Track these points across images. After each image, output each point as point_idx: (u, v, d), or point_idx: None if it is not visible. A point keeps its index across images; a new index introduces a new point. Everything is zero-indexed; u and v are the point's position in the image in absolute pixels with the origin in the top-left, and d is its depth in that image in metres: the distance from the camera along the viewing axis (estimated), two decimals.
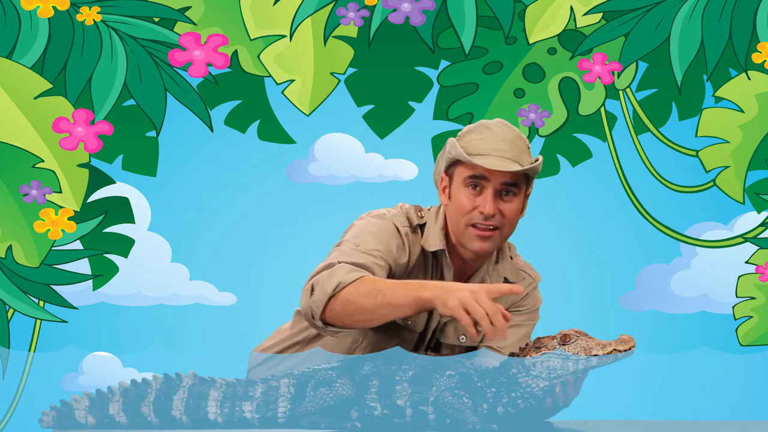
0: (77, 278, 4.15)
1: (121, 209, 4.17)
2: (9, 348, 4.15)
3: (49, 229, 4.11)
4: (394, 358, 2.92)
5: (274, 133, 4.19)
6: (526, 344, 2.94)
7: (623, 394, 4.17)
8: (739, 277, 4.23)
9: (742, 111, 4.19)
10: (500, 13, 4.14)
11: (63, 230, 4.11)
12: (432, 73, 4.18)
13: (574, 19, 4.15)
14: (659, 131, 4.21)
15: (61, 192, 4.11)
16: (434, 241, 3.15)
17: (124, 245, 4.17)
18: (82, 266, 4.15)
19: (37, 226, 4.11)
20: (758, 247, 4.23)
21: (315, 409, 2.87)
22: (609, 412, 3.69)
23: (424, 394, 2.89)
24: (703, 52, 4.16)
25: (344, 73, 4.17)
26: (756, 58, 4.16)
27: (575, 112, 4.19)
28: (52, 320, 4.15)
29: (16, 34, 4.08)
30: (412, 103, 4.18)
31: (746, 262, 4.24)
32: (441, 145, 4.26)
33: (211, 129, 4.17)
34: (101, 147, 4.12)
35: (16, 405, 4.17)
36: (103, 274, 4.17)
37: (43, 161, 4.10)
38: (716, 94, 4.19)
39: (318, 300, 2.93)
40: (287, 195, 4.23)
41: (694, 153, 4.22)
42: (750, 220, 4.23)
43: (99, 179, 4.14)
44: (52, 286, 4.13)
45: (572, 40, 4.16)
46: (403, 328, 3.17)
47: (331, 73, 4.16)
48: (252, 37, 4.13)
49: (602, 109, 4.20)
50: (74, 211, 4.12)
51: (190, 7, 4.12)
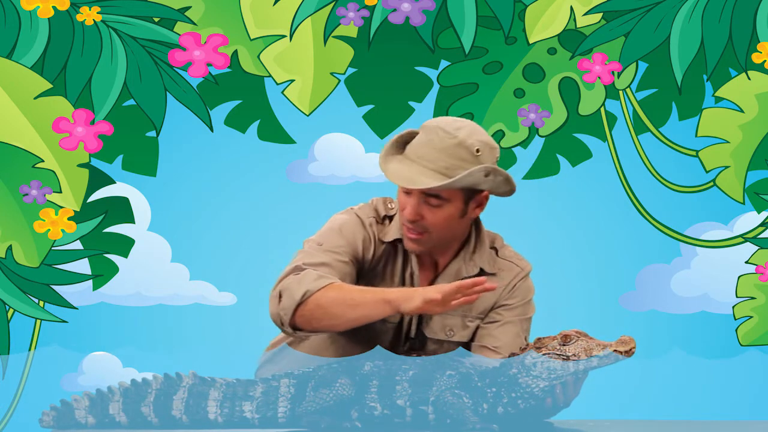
0: (77, 278, 4.15)
1: (121, 209, 4.17)
2: (9, 348, 4.15)
3: (49, 229, 4.10)
4: (394, 358, 2.92)
5: (274, 133, 4.18)
6: (527, 344, 2.94)
7: (623, 394, 4.17)
8: (739, 277, 4.23)
9: (742, 111, 4.19)
10: (500, 13, 4.14)
11: (63, 230, 4.11)
12: (432, 73, 4.18)
13: (574, 19, 4.15)
14: (659, 131, 4.21)
15: (61, 192, 4.11)
16: (392, 232, 3.17)
17: (124, 245, 4.17)
18: (82, 266, 4.15)
19: (37, 226, 4.11)
20: (758, 247, 4.23)
21: (315, 409, 2.87)
22: (609, 412, 3.68)
23: (424, 394, 2.89)
24: (703, 52, 4.16)
25: (344, 73, 4.16)
26: (756, 58, 4.16)
27: (575, 112, 4.19)
28: (52, 320, 4.15)
29: (16, 34, 4.08)
30: (412, 103, 4.18)
31: (746, 262, 4.24)
32: None
33: (211, 129, 4.17)
34: (101, 147, 4.12)
35: (16, 405, 4.17)
36: (103, 274, 4.16)
37: (43, 161, 4.10)
38: (716, 94, 4.19)
39: (286, 307, 3.00)
40: (287, 195, 4.23)
41: (694, 153, 4.21)
42: (750, 220, 4.23)
43: (99, 179, 4.14)
44: (52, 286, 4.13)
45: (572, 40, 4.16)
46: (379, 322, 3.17)
47: (331, 73, 4.16)
48: (252, 37, 4.13)
49: (602, 109, 4.20)
50: (74, 211, 4.12)
51: (190, 7, 4.12)
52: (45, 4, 4.08)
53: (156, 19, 4.11)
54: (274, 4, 4.13)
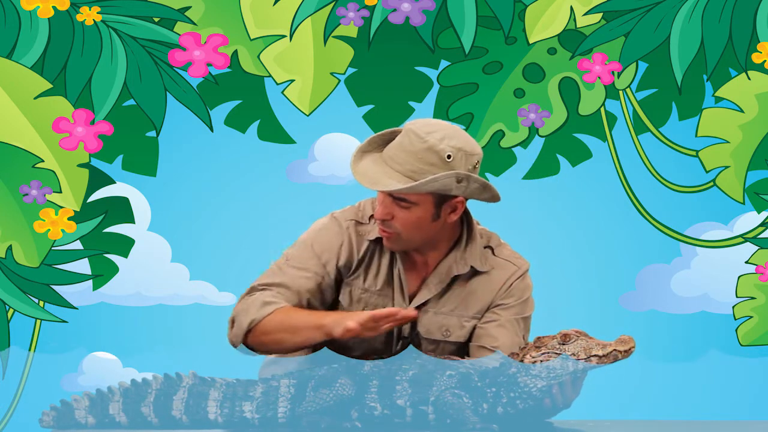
0: (77, 278, 4.15)
1: (121, 209, 4.17)
2: (9, 348, 4.15)
3: (49, 229, 4.11)
4: (394, 358, 2.92)
5: (274, 133, 4.19)
6: (526, 344, 2.93)
7: (623, 394, 4.17)
8: (739, 277, 4.23)
9: (742, 111, 4.19)
10: (500, 13, 4.14)
11: (63, 230, 4.11)
12: (432, 73, 4.18)
13: (574, 19, 4.15)
14: (659, 131, 4.21)
15: (61, 192, 4.11)
16: (375, 230, 3.18)
17: (124, 245, 4.17)
18: (82, 266, 4.15)
19: (37, 226, 4.11)
20: (758, 247, 4.23)
21: (315, 409, 2.87)
22: (609, 412, 3.69)
23: (424, 394, 2.89)
24: (703, 52, 4.16)
25: (344, 73, 4.17)
26: (756, 58, 4.16)
27: (575, 112, 4.19)
28: (52, 320, 4.15)
29: (16, 34, 4.08)
30: (412, 103, 4.18)
31: (746, 262, 4.24)
32: None
33: (211, 129, 4.17)
34: (101, 147, 4.12)
35: (16, 405, 4.17)
36: (103, 274, 4.17)
37: (43, 161, 4.10)
38: (716, 94, 4.19)
39: (236, 335, 3.11)
40: (287, 195, 4.23)
41: (694, 153, 4.22)
42: (750, 220, 4.23)
43: (99, 179, 4.14)
44: (52, 286, 4.13)
45: (572, 40, 4.16)
46: None
47: (331, 73, 4.16)
48: (252, 37, 4.13)
49: (602, 109, 4.20)
50: (74, 211, 4.12)
51: (190, 7, 4.12)
52: (45, 4, 4.08)
53: (156, 19, 4.11)
54: (274, 4, 4.14)
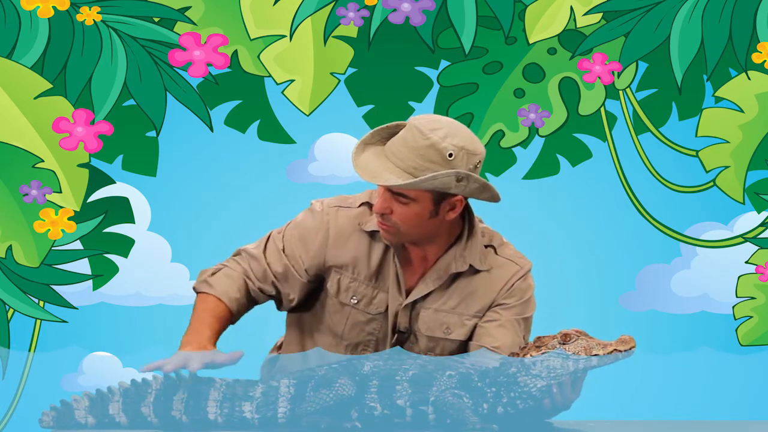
0: (77, 278, 4.15)
1: (121, 209, 4.17)
2: (9, 348, 4.15)
3: (49, 229, 4.11)
4: (394, 358, 2.92)
5: (274, 133, 4.19)
6: (527, 343, 2.93)
7: (623, 394, 4.17)
8: (739, 277, 4.23)
9: (742, 111, 4.19)
10: (500, 13, 4.14)
11: (63, 230, 4.11)
12: (432, 73, 4.18)
13: (574, 19, 4.15)
14: (659, 131, 4.21)
15: (61, 192, 4.11)
16: (372, 223, 3.19)
17: (124, 245, 4.17)
18: (82, 266, 4.15)
19: (37, 226, 4.11)
20: (758, 247, 4.23)
21: (315, 409, 2.87)
22: (609, 412, 3.69)
23: (424, 394, 2.89)
24: (703, 52, 4.16)
25: (344, 73, 4.17)
26: (756, 58, 4.16)
27: (575, 112, 4.19)
28: (52, 320, 4.15)
29: (16, 34, 4.08)
30: (412, 103, 4.18)
31: (746, 262, 4.24)
32: None
33: (211, 129, 4.17)
34: (101, 147, 4.12)
35: (16, 405, 4.17)
36: (103, 274, 4.17)
37: (43, 161, 4.10)
38: (716, 94, 4.19)
39: (193, 287, 3.25)
40: (287, 195, 4.23)
41: (694, 153, 4.22)
42: (750, 220, 4.23)
43: (99, 179, 4.14)
44: (52, 286, 4.13)
45: (572, 40, 4.16)
46: (359, 313, 3.19)
47: (331, 73, 4.16)
48: (252, 37, 4.13)
49: (602, 109, 4.20)
50: (74, 211, 4.12)
51: (190, 7, 4.12)
52: (45, 4, 4.08)
53: (156, 19, 4.11)
54: (274, 4, 4.14)
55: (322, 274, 3.21)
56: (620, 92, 4.19)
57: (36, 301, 4.13)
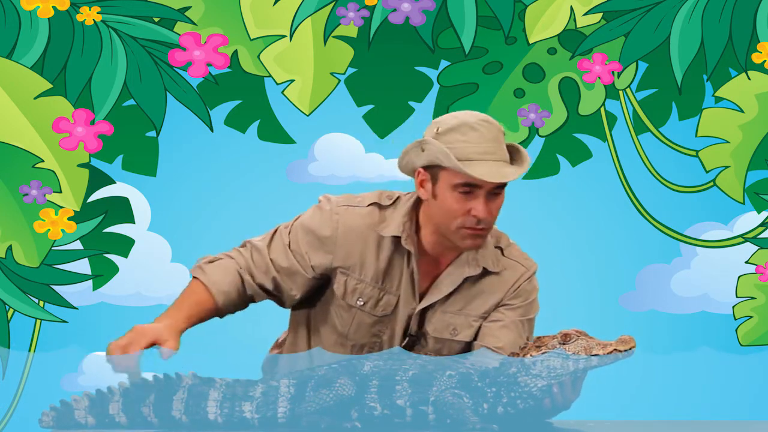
0: (77, 278, 4.15)
1: (121, 209, 4.17)
2: (9, 348, 4.15)
3: (49, 229, 4.11)
4: (394, 358, 2.92)
5: (274, 133, 4.19)
6: (526, 343, 2.93)
7: (623, 394, 4.17)
8: (739, 277, 4.23)
9: (742, 111, 4.19)
10: (500, 13, 4.14)
11: (63, 230, 4.11)
12: (432, 73, 4.18)
13: (574, 19, 4.15)
14: (659, 131, 4.21)
15: (61, 192, 4.11)
16: (392, 228, 3.16)
17: (124, 245, 4.17)
18: (82, 266, 4.15)
19: (37, 226, 4.11)
20: (758, 247, 4.23)
21: (315, 409, 2.87)
22: (609, 412, 3.68)
23: (424, 394, 2.88)
24: (703, 52, 4.16)
25: (344, 73, 4.17)
26: (756, 58, 4.16)
27: (575, 112, 4.19)
28: (52, 320, 4.15)
29: (16, 34, 4.08)
30: (412, 103, 4.18)
31: (746, 262, 4.24)
32: None
33: (211, 129, 4.17)
34: (101, 147, 4.12)
35: (16, 405, 4.17)
36: (103, 274, 4.17)
37: (43, 161, 4.10)
38: (716, 94, 4.19)
39: (190, 270, 3.25)
40: (287, 195, 4.23)
41: (694, 153, 4.22)
42: (750, 220, 4.23)
43: (99, 179, 4.14)
44: (52, 286, 4.13)
45: (572, 40, 4.16)
46: (365, 315, 3.18)
47: (331, 73, 4.16)
48: (252, 37, 4.13)
49: (602, 109, 4.20)
50: (74, 211, 4.12)
51: (190, 7, 4.12)
52: (45, 4, 4.08)
53: (156, 19, 4.11)
54: (274, 4, 4.14)
55: (328, 273, 3.20)
56: (620, 92, 4.19)
57: (36, 301, 4.13)
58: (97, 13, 4.09)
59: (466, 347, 3.19)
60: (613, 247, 4.28)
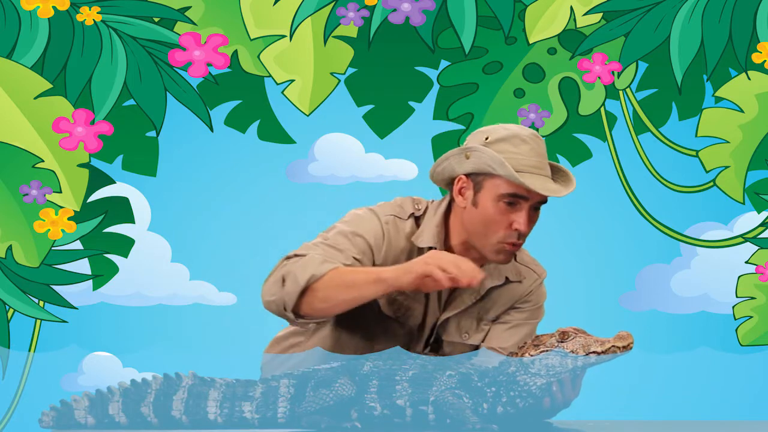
0: (77, 278, 4.15)
1: (121, 209, 4.17)
2: (9, 348, 4.15)
3: (49, 229, 4.11)
4: (394, 358, 2.92)
5: (274, 133, 4.19)
6: (525, 342, 2.94)
7: (623, 394, 4.17)
8: (739, 277, 4.23)
9: (742, 111, 4.19)
10: (500, 13, 4.14)
11: (63, 230, 4.11)
12: (432, 73, 4.18)
13: (574, 19, 4.15)
14: (659, 131, 4.21)
15: (61, 192, 4.11)
16: (427, 238, 3.13)
17: (124, 245, 4.17)
18: (82, 266, 4.15)
19: (37, 226, 4.11)
20: (758, 247, 4.23)
21: (315, 409, 2.87)
22: (609, 412, 3.69)
23: (424, 394, 2.89)
24: (703, 52, 4.16)
25: (344, 73, 4.17)
26: (756, 58, 4.16)
27: (575, 112, 4.19)
28: (52, 320, 4.15)
29: (16, 34, 4.08)
30: (412, 103, 4.18)
31: (746, 262, 4.24)
32: (441, 144, 4.24)
33: (211, 129, 4.17)
34: (101, 147, 4.12)
35: (16, 405, 4.17)
36: (103, 274, 4.17)
37: (43, 161, 4.10)
38: (716, 94, 4.19)
39: (291, 292, 2.97)
40: (287, 195, 4.23)
41: (694, 153, 4.22)
42: (750, 220, 4.23)
43: (99, 179, 4.14)
44: (52, 286, 4.13)
45: (572, 40, 4.16)
46: (395, 323, 3.16)
47: (331, 73, 4.16)
48: (252, 37, 4.13)
49: (602, 109, 4.20)
50: (74, 211, 4.13)
51: (190, 7, 4.12)
52: (45, 4, 4.08)
53: (156, 19, 4.11)
54: (274, 4, 4.14)
55: None
56: (620, 92, 4.19)
57: (36, 301, 4.13)
58: (97, 13, 4.09)
59: (475, 349, 3.20)
60: (613, 247, 4.28)
